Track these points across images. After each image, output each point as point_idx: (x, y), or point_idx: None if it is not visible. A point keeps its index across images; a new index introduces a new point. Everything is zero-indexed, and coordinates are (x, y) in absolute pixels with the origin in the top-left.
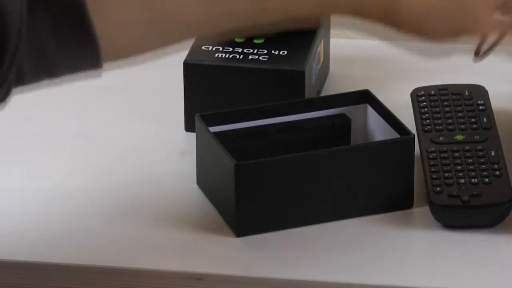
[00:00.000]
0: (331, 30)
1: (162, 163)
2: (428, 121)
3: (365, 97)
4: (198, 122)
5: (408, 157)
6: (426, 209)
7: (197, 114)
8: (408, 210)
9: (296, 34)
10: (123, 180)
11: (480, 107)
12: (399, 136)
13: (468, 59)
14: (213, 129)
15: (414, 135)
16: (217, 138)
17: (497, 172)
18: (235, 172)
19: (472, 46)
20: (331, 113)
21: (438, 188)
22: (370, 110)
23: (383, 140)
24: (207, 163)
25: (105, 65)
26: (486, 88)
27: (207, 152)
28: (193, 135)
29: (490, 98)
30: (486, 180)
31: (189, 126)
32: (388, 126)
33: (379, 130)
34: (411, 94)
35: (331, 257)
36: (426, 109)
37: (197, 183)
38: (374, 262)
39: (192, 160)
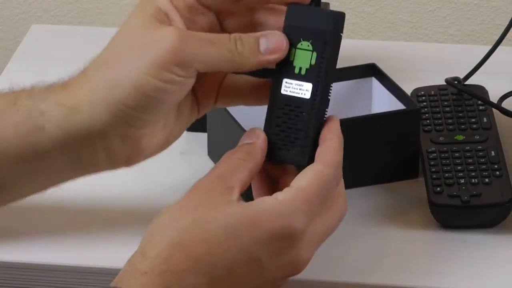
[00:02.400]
0: None
1: (162, 163)
2: (428, 121)
3: (371, 71)
4: None
5: (415, 128)
6: (426, 209)
7: None
8: (408, 210)
9: None
10: (123, 180)
11: (480, 107)
12: (405, 107)
13: (468, 59)
14: None
15: (419, 106)
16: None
17: (497, 172)
18: None
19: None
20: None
21: (438, 188)
22: (376, 83)
23: (394, 111)
24: (219, 134)
25: None
26: (486, 88)
27: (219, 122)
28: (193, 135)
29: (490, 98)
30: (486, 180)
31: (189, 126)
32: (393, 98)
33: (384, 102)
34: (411, 94)
35: (331, 257)
36: (426, 109)
37: (208, 154)
38: (374, 262)
39: (192, 160)
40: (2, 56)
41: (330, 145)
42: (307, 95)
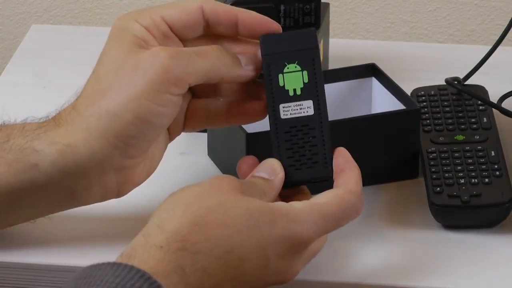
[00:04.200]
0: (331, 30)
1: (162, 163)
2: (428, 121)
3: (371, 71)
4: None
5: (415, 128)
6: (426, 209)
7: None
8: (408, 210)
9: None
10: None
11: (480, 107)
12: (405, 107)
13: (468, 59)
14: None
15: (419, 106)
16: None
17: (497, 172)
18: (247, 142)
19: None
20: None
21: (438, 188)
22: (376, 83)
23: (394, 111)
24: (219, 134)
25: None
26: (486, 88)
27: None
28: (193, 135)
29: (490, 98)
30: (486, 180)
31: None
32: (393, 98)
33: (384, 102)
34: (411, 94)
35: (331, 257)
36: (426, 109)
37: (208, 154)
38: (374, 262)
39: (192, 160)
40: (2, 56)
41: (351, 175)
42: (310, 111)
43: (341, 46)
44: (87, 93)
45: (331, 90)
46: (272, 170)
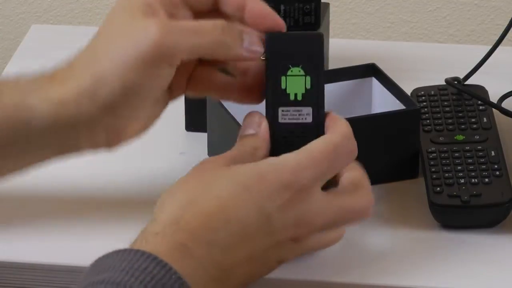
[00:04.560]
0: (331, 30)
1: (162, 163)
2: (428, 121)
3: (371, 71)
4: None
5: (415, 128)
6: (426, 209)
7: None
8: (408, 210)
9: None
10: (123, 180)
11: (480, 107)
12: (405, 107)
13: (468, 59)
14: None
15: (419, 106)
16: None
17: (497, 172)
18: None
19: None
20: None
21: (438, 188)
22: (376, 83)
23: (394, 111)
24: (219, 134)
25: None
26: (486, 88)
27: (218, 122)
28: (193, 135)
29: (490, 98)
30: (486, 180)
31: (189, 126)
32: (393, 98)
33: (384, 102)
34: (411, 94)
35: (331, 257)
36: (426, 109)
37: (208, 154)
38: (374, 262)
39: (192, 160)
40: (2, 56)
41: (337, 122)
42: (309, 119)
43: (341, 46)
44: (85, 52)
45: (331, 90)
46: (255, 123)
